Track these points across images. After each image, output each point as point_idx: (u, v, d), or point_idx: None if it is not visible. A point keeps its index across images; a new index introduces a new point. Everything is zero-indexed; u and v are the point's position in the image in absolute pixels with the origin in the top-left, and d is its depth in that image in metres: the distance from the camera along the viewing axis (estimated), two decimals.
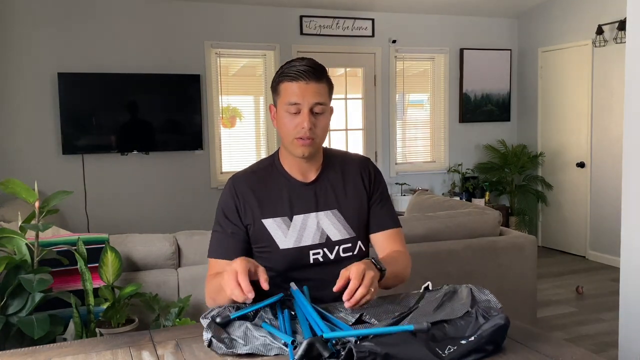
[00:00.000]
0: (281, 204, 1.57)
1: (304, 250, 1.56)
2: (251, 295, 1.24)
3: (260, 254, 1.58)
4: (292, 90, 1.49)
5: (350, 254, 1.60)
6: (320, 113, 1.52)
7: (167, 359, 1.17)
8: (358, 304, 1.27)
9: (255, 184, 1.59)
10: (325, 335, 1.11)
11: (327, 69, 1.57)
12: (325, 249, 1.57)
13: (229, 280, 1.27)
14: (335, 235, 1.58)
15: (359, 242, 1.61)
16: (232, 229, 1.56)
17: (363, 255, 1.62)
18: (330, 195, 1.60)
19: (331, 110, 1.59)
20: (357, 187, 1.63)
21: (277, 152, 1.64)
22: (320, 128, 1.53)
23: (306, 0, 5.45)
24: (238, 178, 1.61)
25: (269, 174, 1.61)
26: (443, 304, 1.28)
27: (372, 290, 1.28)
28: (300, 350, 1.06)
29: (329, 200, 1.59)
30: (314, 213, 1.58)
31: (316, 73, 1.51)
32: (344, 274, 1.31)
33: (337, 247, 1.58)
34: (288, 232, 1.56)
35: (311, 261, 1.57)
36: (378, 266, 1.39)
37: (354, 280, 1.27)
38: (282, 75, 1.52)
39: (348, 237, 1.59)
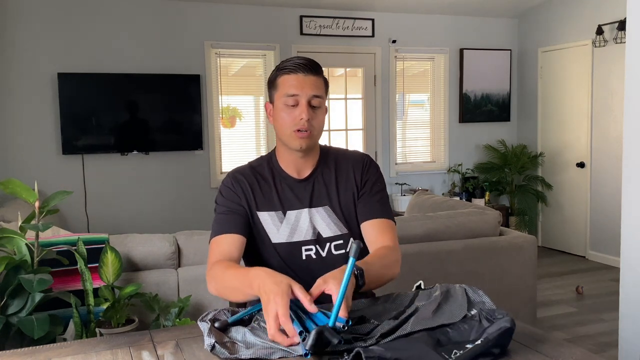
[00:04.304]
0: (276, 199, 1.58)
1: (296, 246, 1.57)
2: (297, 339, 1.10)
3: (254, 248, 1.58)
4: (290, 82, 1.51)
5: (343, 251, 1.59)
6: (317, 107, 1.53)
7: (167, 359, 1.17)
8: None
9: (252, 178, 1.60)
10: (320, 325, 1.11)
11: (327, 68, 1.58)
12: (317, 246, 1.58)
13: (270, 322, 1.13)
14: (326, 232, 1.59)
15: (352, 240, 1.61)
16: (233, 207, 1.56)
17: None
18: (323, 191, 1.61)
19: (325, 110, 1.60)
20: (349, 183, 1.62)
21: (273, 150, 1.66)
22: (317, 122, 1.53)
23: (306, 0, 5.45)
24: (237, 171, 1.63)
25: (266, 170, 1.62)
26: (440, 306, 1.28)
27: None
28: (310, 340, 1.06)
29: (321, 196, 1.60)
30: (307, 209, 1.59)
31: (314, 67, 1.53)
32: (320, 285, 1.21)
33: (328, 244, 1.58)
34: (281, 227, 1.57)
35: (304, 257, 1.57)
36: (357, 275, 1.29)
37: (346, 308, 1.15)
38: (280, 69, 1.54)
39: (340, 233, 1.59)
